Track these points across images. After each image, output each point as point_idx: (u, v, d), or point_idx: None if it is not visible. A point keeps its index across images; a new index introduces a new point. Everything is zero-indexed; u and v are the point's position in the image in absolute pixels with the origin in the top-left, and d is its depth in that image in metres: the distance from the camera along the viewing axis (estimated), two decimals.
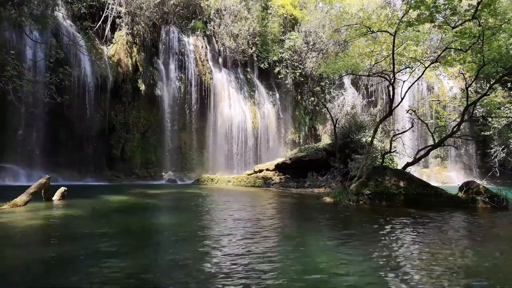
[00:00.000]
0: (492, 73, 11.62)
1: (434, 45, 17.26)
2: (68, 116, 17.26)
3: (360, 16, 12.43)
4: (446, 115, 21.13)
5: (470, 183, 10.49)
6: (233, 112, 23.61)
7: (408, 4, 10.23)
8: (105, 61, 19.26)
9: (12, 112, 15.71)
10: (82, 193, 11.33)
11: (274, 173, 17.75)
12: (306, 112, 27.51)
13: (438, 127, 15.15)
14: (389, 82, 12.90)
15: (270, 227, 6.41)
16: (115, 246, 4.70)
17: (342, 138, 16.75)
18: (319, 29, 26.04)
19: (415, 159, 12.17)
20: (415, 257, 4.50)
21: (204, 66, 23.11)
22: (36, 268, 3.81)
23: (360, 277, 3.62)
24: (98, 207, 8.51)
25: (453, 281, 3.56)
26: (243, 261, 4.06)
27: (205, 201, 10.74)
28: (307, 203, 10.48)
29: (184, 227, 6.27)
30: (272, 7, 26.78)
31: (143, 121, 21.13)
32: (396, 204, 9.57)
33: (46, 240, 5.16)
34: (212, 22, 24.24)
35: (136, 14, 20.48)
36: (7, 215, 6.69)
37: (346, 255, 4.50)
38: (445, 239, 5.60)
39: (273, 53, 25.89)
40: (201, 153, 23.13)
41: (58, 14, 17.37)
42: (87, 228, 5.94)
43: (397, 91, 15.94)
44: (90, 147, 18.34)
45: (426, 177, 21.42)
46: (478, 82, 21.60)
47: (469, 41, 10.26)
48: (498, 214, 8.67)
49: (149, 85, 21.14)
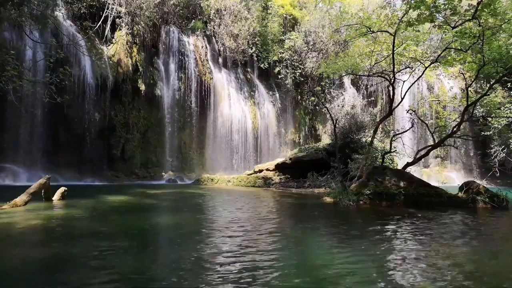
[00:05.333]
0: (492, 73, 11.60)
1: (434, 45, 17.24)
2: (68, 116, 17.26)
3: (360, 16, 12.43)
4: (446, 115, 21.14)
5: (470, 183, 10.48)
6: (233, 112, 23.61)
7: (408, 4, 10.22)
8: (105, 61, 19.26)
9: (12, 112, 15.71)
10: (82, 193, 11.33)
11: (274, 173, 17.75)
12: (306, 112, 27.51)
13: (438, 127, 15.13)
14: (389, 82, 12.90)
15: (270, 227, 6.40)
16: (115, 246, 4.70)
17: (342, 138, 16.76)
18: (319, 29, 26.04)
19: (415, 159, 12.17)
20: (415, 257, 4.49)
21: (204, 66, 23.10)
22: (36, 268, 3.81)
23: (360, 277, 3.62)
24: (98, 207, 8.50)
25: (454, 281, 3.56)
26: (243, 261, 4.06)
27: (205, 201, 10.73)
28: (307, 203, 10.48)
29: (184, 227, 6.27)
30: (272, 7, 26.78)
31: (143, 121, 21.13)
32: (396, 204, 9.57)
33: (46, 240, 5.16)
34: (212, 22, 24.24)
35: (136, 14, 20.48)
36: (7, 215, 6.69)
37: (347, 255, 4.49)
38: (445, 239, 5.60)
39: (273, 53, 25.89)
40: (201, 153, 23.13)
41: (58, 14, 17.35)
42: (87, 228, 5.94)
43: (397, 91, 15.94)
44: (90, 147, 18.33)
45: (426, 177, 21.44)
46: (478, 82, 21.64)
47: (469, 41, 10.25)
48: (498, 214, 8.67)
49: (149, 85, 21.13)
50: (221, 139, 23.21)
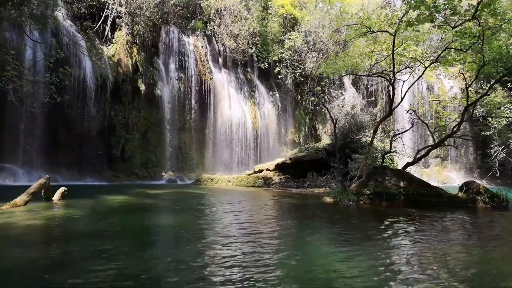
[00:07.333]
0: (492, 73, 11.60)
1: (434, 45, 17.24)
2: (68, 116, 17.24)
3: (360, 16, 12.43)
4: (446, 115, 21.14)
5: (470, 183, 10.48)
6: (233, 112, 23.61)
7: (408, 4, 10.23)
8: (105, 61, 19.26)
9: (12, 112, 15.70)
10: (82, 193, 11.33)
11: (274, 173, 17.75)
12: (306, 112, 27.51)
13: (438, 127, 15.13)
14: (389, 82, 12.90)
15: (270, 227, 6.41)
16: (115, 246, 4.70)
17: (342, 138, 16.76)
18: (319, 29, 26.04)
19: (415, 159, 12.17)
20: (415, 257, 4.49)
21: (204, 66, 23.11)
22: (36, 268, 3.81)
23: (361, 277, 3.62)
24: (98, 207, 8.50)
25: (454, 281, 3.56)
26: (243, 260, 4.06)
27: (205, 201, 10.73)
28: (307, 203, 10.48)
29: (184, 227, 6.27)
30: (272, 7, 26.79)
31: (143, 121, 21.13)
32: (396, 204, 9.57)
33: (46, 240, 5.16)
34: (212, 22, 24.24)
35: (136, 14, 20.48)
36: (7, 215, 6.69)
37: (347, 255, 4.49)
38: (445, 239, 5.60)
39: (273, 53, 25.89)
40: (201, 153, 23.13)
41: (58, 14, 17.35)
42: (87, 228, 5.94)
43: (397, 91, 15.94)
44: (90, 147, 18.33)
45: (426, 177, 21.43)
46: (478, 82, 21.64)
47: (469, 41, 10.25)
48: (498, 214, 8.67)
49: (149, 85, 21.13)
50: (221, 139, 23.21)
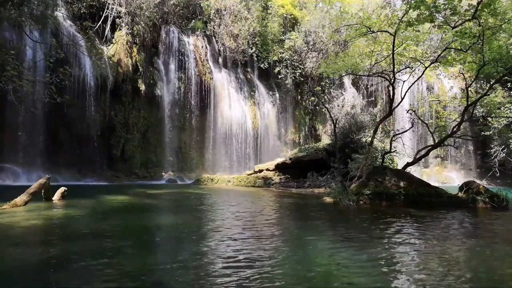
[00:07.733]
0: (492, 73, 11.61)
1: (434, 45, 17.24)
2: (68, 116, 17.25)
3: (360, 16, 12.43)
4: (446, 115, 21.16)
5: (470, 183, 10.48)
6: (233, 112, 23.60)
7: (408, 4, 10.22)
8: (105, 61, 19.26)
9: (12, 112, 15.71)
10: (82, 193, 11.33)
11: (274, 173, 17.75)
12: (306, 112, 27.51)
13: (438, 127, 15.13)
14: (389, 82, 12.90)
15: (270, 227, 6.41)
16: (115, 246, 4.70)
17: (342, 138, 16.75)
18: (319, 29, 26.04)
19: (415, 159, 12.17)
20: (416, 257, 4.49)
21: (204, 66, 23.11)
22: (36, 268, 3.81)
23: (361, 277, 3.62)
24: (98, 207, 8.50)
25: (454, 281, 3.56)
26: (244, 260, 4.06)
27: (205, 201, 10.73)
28: (307, 203, 10.48)
29: (184, 227, 6.27)
30: (272, 7, 26.79)
31: (143, 121, 21.13)
32: (396, 204, 9.57)
33: (46, 240, 5.16)
34: (212, 22, 24.24)
35: (136, 14, 20.48)
36: (7, 215, 6.69)
37: (347, 255, 4.49)
38: (445, 239, 5.60)
39: (273, 53, 25.89)
40: (201, 153, 23.13)
41: (58, 14, 17.34)
42: (87, 228, 5.94)
43: (397, 91, 15.93)
44: (90, 147, 18.33)
45: (426, 177, 21.43)
46: (478, 82, 21.65)
47: (469, 41, 10.25)
48: (498, 214, 8.67)
49: (149, 85, 21.14)
50: (221, 139, 23.21)
